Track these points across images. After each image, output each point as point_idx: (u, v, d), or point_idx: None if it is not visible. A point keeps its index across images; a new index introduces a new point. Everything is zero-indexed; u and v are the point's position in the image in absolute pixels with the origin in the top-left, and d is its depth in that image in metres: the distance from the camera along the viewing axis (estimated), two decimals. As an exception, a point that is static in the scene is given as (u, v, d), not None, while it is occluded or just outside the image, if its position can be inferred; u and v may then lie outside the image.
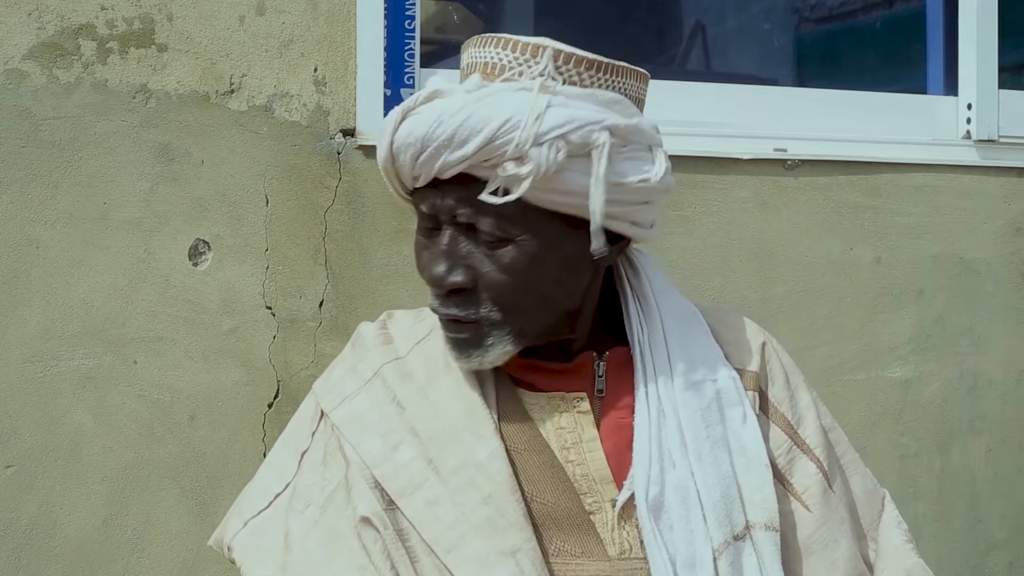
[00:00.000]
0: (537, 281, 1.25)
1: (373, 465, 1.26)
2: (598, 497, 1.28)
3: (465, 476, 1.24)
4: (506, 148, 1.18)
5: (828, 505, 1.35)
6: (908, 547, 1.43)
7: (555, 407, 1.31)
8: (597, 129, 1.21)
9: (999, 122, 2.41)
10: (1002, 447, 2.41)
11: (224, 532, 1.39)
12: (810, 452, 1.37)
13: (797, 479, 1.36)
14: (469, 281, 1.25)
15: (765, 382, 1.40)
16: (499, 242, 1.24)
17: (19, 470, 1.75)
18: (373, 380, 1.33)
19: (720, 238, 2.16)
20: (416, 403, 1.30)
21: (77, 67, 1.76)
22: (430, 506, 1.24)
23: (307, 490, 1.31)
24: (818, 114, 2.34)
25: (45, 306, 1.75)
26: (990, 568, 2.40)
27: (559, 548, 1.25)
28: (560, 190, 1.22)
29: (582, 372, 1.33)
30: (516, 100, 1.20)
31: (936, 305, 2.34)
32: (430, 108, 1.23)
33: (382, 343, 1.38)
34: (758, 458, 1.31)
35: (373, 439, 1.28)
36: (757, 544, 1.28)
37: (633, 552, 1.27)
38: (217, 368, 1.84)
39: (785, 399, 1.40)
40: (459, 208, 1.23)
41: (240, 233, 1.85)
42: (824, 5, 3.63)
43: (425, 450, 1.27)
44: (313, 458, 1.34)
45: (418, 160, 1.22)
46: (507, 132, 1.19)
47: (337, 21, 1.91)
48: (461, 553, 1.21)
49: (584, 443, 1.30)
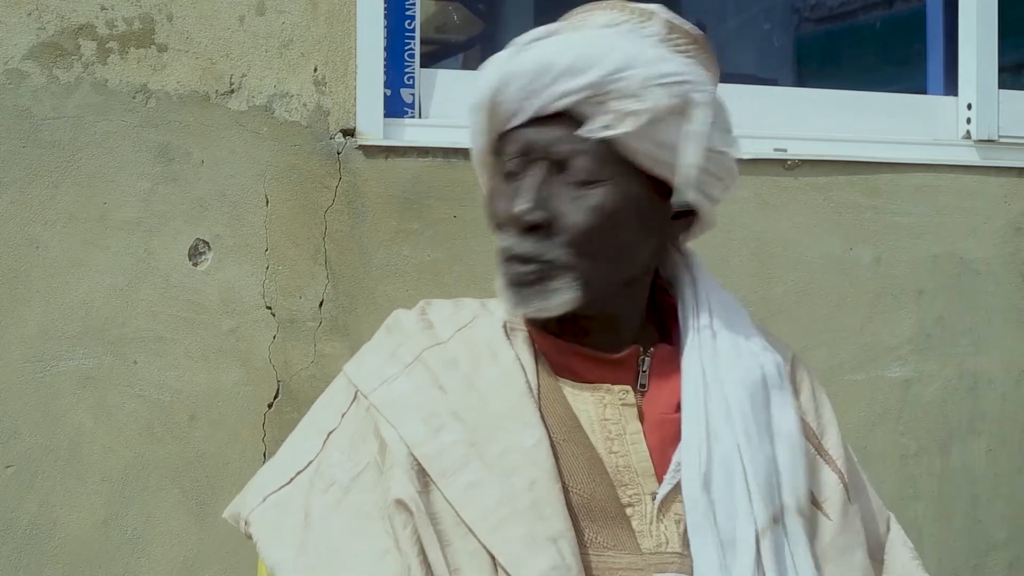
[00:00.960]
0: (614, 229, 1.27)
1: (415, 445, 1.25)
2: (639, 490, 1.28)
3: (510, 461, 1.24)
4: (625, 82, 1.22)
5: (847, 515, 1.35)
6: (915, 563, 1.43)
7: (599, 399, 1.31)
8: (702, 88, 1.26)
9: (999, 122, 2.42)
10: (1002, 447, 2.41)
11: (241, 506, 1.37)
12: (833, 463, 1.38)
13: (819, 488, 1.36)
14: (549, 218, 1.26)
15: (795, 392, 1.40)
16: (587, 183, 1.25)
17: (19, 470, 1.75)
18: (414, 364, 1.32)
19: (720, 238, 2.16)
20: (460, 390, 1.30)
21: (77, 67, 1.76)
22: (472, 488, 1.23)
23: (331, 469, 1.30)
24: (818, 114, 2.34)
25: (45, 306, 1.75)
26: (990, 568, 2.40)
27: (592, 539, 1.25)
28: (656, 140, 1.25)
29: (626, 365, 1.33)
30: (638, 43, 1.25)
31: (936, 305, 2.34)
32: (552, 39, 1.26)
33: (423, 328, 1.37)
34: (797, 444, 1.32)
35: (415, 421, 1.27)
36: (790, 529, 1.29)
37: (669, 546, 1.27)
38: (217, 368, 1.84)
39: (811, 409, 1.41)
40: (556, 144, 1.25)
41: (240, 233, 1.85)
42: (824, 5, 3.63)
43: (469, 435, 1.26)
44: (340, 438, 1.32)
45: (532, 87, 1.24)
46: (629, 67, 1.22)
47: (337, 21, 1.91)
48: (503, 535, 1.20)
49: (628, 435, 1.30)
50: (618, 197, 1.26)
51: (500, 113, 1.27)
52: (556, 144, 1.25)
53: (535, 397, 1.29)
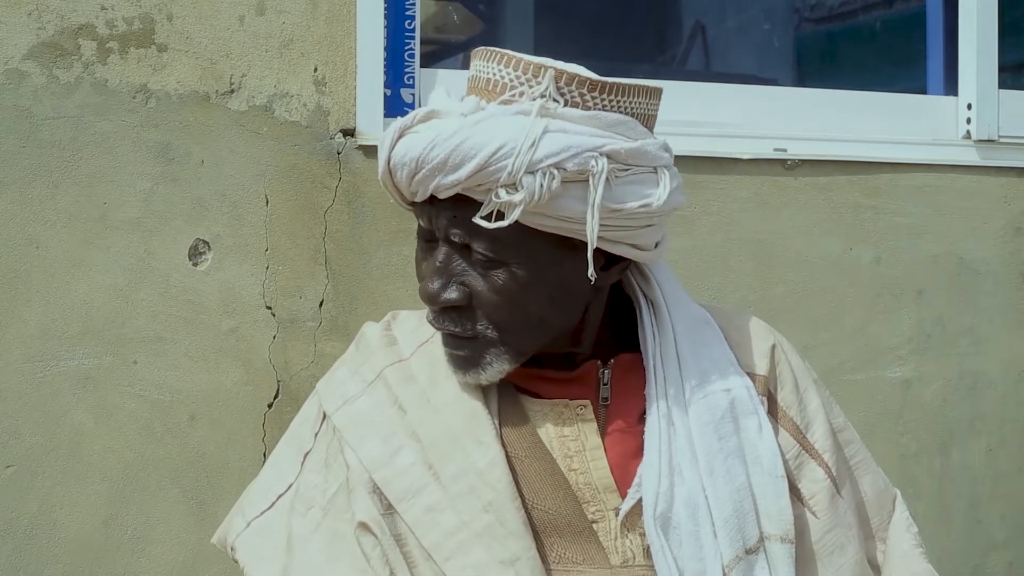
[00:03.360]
0: (532, 304, 1.24)
1: (373, 469, 1.26)
2: (601, 506, 1.27)
3: (465, 483, 1.24)
4: (499, 175, 1.17)
5: (836, 511, 1.34)
6: (917, 551, 1.41)
7: (558, 415, 1.30)
8: (595, 156, 1.19)
9: (999, 122, 2.41)
10: (1002, 447, 2.41)
11: (228, 532, 1.39)
12: (819, 457, 1.36)
13: (805, 485, 1.34)
14: (463, 299, 1.24)
15: (774, 385, 1.38)
16: (493, 264, 1.22)
17: (19, 470, 1.75)
18: (376, 383, 1.33)
19: (720, 238, 2.16)
20: (418, 406, 1.30)
21: (77, 67, 1.76)
22: (430, 512, 1.23)
23: (309, 492, 1.31)
24: (818, 114, 2.34)
25: (45, 306, 1.75)
26: (990, 568, 2.40)
27: (560, 556, 1.24)
28: (555, 215, 1.20)
29: (586, 380, 1.32)
30: (512, 125, 1.18)
31: (936, 305, 2.34)
32: (427, 128, 1.22)
33: (386, 344, 1.38)
34: (774, 469, 1.29)
35: (374, 443, 1.27)
36: (771, 556, 1.26)
37: (636, 560, 1.26)
38: (217, 368, 1.84)
39: (794, 403, 1.38)
40: (453, 228, 1.23)
41: (240, 233, 1.85)
42: (824, 5, 3.63)
43: (426, 455, 1.26)
44: (316, 459, 1.33)
45: (414, 179, 1.22)
46: (500, 159, 1.17)
47: (337, 21, 1.91)
48: (460, 561, 1.21)
49: (587, 451, 1.29)
50: (527, 273, 1.22)
51: (400, 190, 1.26)
52: (453, 228, 1.23)
53: (492, 414, 1.28)
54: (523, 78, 1.22)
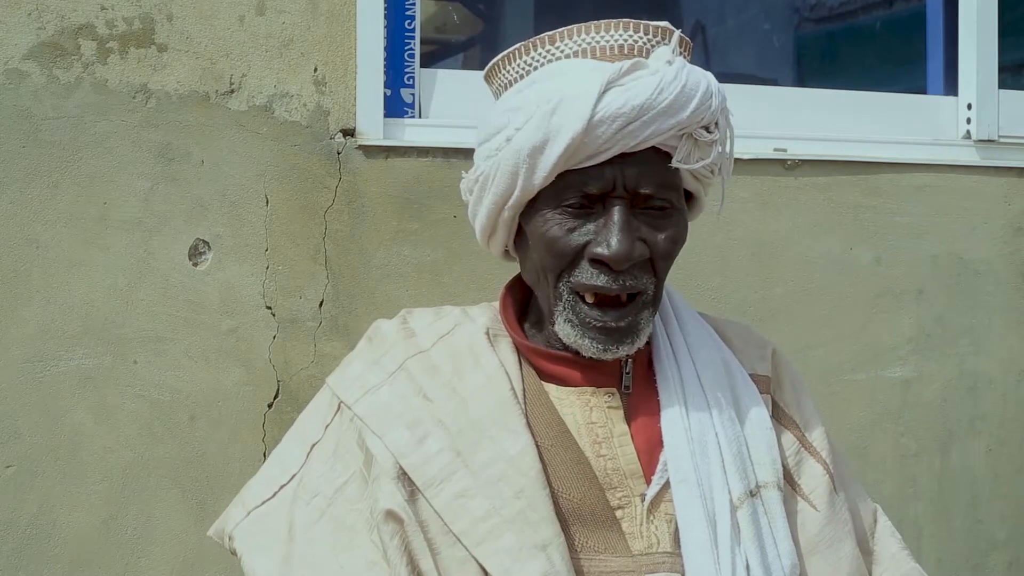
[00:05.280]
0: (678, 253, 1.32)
1: (400, 455, 1.25)
2: (627, 492, 1.29)
3: (496, 470, 1.24)
4: (705, 116, 1.25)
5: (834, 506, 1.37)
6: (904, 553, 1.45)
7: (585, 402, 1.32)
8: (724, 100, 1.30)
9: (999, 122, 2.41)
10: (1002, 447, 2.41)
11: (225, 522, 1.38)
12: (818, 455, 1.39)
13: (805, 480, 1.37)
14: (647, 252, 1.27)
15: (776, 386, 1.42)
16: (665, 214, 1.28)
17: (19, 470, 1.75)
18: (397, 373, 1.33)
19: (720, 238, 2.16)
20: (443, 397, 1.30)
21: (77, 67, 1.76)
22: (459, 498, 1.24)
23: (315, 481, 1.31)
24: (818, 114, 2.34)
25: (45, 306, 1.75)
26: (990, 568, 2.40)
27: (583, 544, 1.26)
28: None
29: (610, 368, 1.34)
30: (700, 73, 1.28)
31: (936, 305, 2.34)
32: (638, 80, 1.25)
33: (405, 337, 1.38)
34: (762, 422, 1.34)
35: (399, 430, 1.27)
36: (767, 503, 1.30)
37: (660, 547, 1.27)
38: (217, 368, 1.84)
39: (793, 403, 1.42)
40: (644, 179, 1.26)
41: (240, 233, 1.85)
42: (824, 5, 3.62)
43: (453, 442, 1.26)
44: (324, 450, 1.33)
45: (625, 128, 1.23)
46: (707, 100, 1.26)
47: (337, 21, 1.91)
48: (492, 546, 1.21)
49: (615, 438, 1.31)
50: (684, 221, 1.31)
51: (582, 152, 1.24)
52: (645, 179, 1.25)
53: (520, 402, 1.29)
54: (654, 40, 1.30)
